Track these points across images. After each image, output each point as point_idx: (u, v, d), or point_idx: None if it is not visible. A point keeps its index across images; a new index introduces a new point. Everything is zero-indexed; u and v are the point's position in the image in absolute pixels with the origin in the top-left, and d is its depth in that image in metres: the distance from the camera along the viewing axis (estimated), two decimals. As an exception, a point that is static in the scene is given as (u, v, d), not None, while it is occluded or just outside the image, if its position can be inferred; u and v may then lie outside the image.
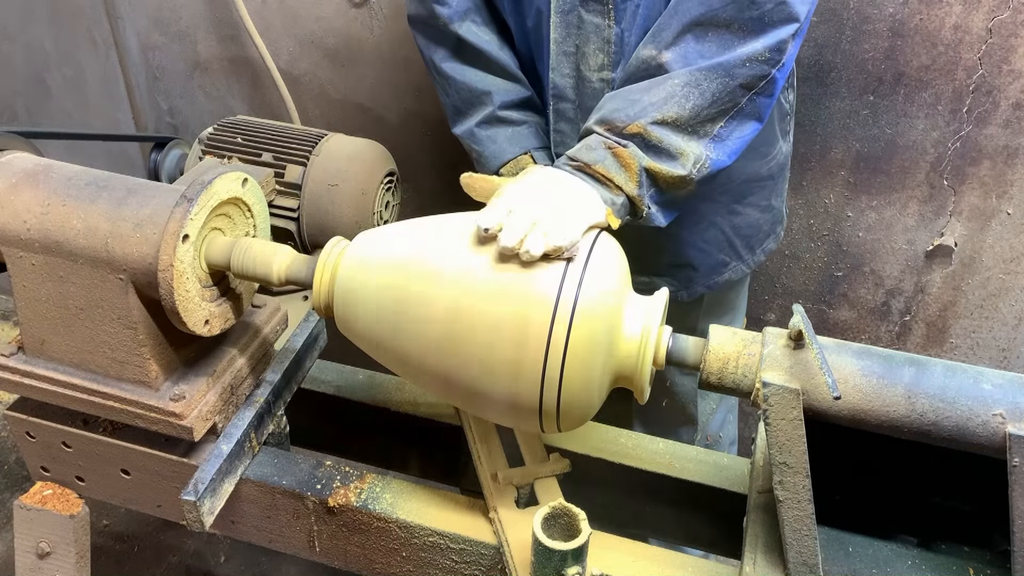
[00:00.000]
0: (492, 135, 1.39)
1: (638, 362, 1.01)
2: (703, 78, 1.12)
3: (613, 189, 1.10)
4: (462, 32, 1.38)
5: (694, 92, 1.11)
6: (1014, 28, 1.59)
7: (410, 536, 1.15)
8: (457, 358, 1.00)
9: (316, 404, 1.41)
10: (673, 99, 1.11)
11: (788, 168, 1.53)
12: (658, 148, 1.12)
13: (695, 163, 1.13)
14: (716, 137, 1.15)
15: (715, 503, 1.25)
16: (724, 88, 1.12)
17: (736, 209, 1.44)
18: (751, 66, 1.12)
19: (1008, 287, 1.86)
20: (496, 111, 1.38)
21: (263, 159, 1.56)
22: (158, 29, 2.30)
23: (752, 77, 1.12)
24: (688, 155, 1.12)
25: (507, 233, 0.97)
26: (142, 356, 1.09)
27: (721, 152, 1.15)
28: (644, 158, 1.11)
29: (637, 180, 1.11)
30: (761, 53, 1.11)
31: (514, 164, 1.37)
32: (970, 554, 1.08)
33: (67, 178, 1.09)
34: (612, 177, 1.10)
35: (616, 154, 1.11)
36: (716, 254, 1.47)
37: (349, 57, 2.12)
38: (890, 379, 0.95)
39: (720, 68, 1.12)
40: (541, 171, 1.10)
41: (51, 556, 1.26)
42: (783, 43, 1.12)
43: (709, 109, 1.12)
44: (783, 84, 1.17)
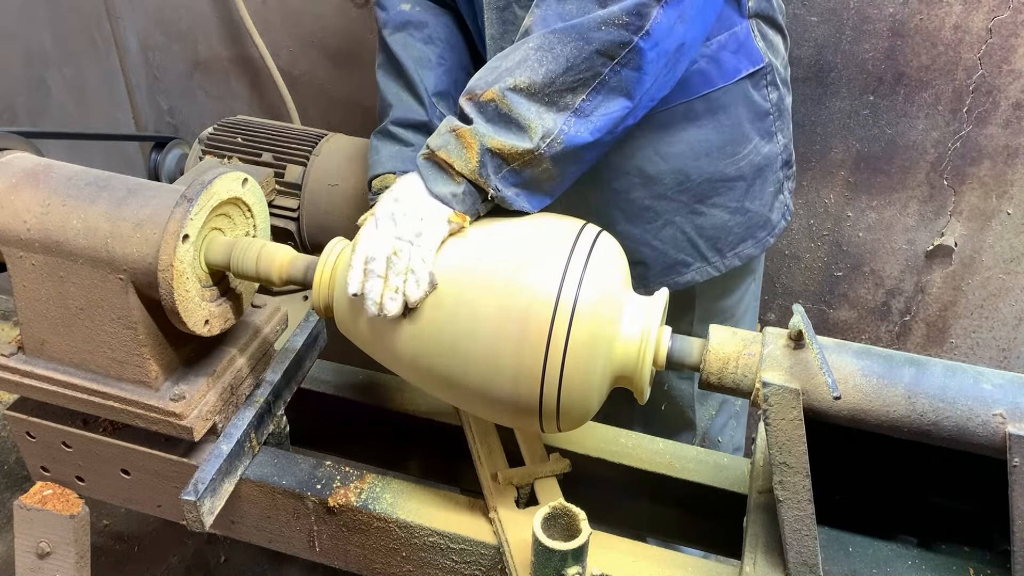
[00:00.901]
0: (378, 146, 1.38)
1: (638, 362, 1.01)
2: (556, 41, 1.06)
3: (454, 176, 1.06)
4: (391, 41, 1.39)
5: (547, 56, 1.05)
6: (1014, 28, 1.59)
7: (410, 536, 1.15)
8: (457, 358, 1.00)
9: (316, 404, 1.41)
10: (526, 63, 1.06)
11: (775, 171, 1.45)
12: (508, 118, 1.06)
13: (544, 137, 1.06)
14: (578, 111, 1.07)
15: (715, 503, 1.25)
16: (579, 53, 1.05)
17: (698, 209, 1.38)
18: (607, 31, 1.04)
19: (1008, 287, 1.86)
20: (389, 125, 1.38)
21: (263, 159, 1.56)
22: (158, 29, 2.30)
23: (609, 43, 1.05)
24: (536, 128, 1.06)
25: (368, 301, 1.01)
26: (142, 356, 1.09)
27: (582, 127, 1.08)
28: (487, 135, 1.06)
29: (478, 160, 1.06)
30: (618, 16, 1.04)
31: (380, 180, 1.36)
32: (970, 554, 1.08)
33: (67, 178, 1.09)
34: (452, 162, 1.06)
35: (458, 135, 1.07)
36: (674, 253, 1.41)
37: (349, 57, 2.12)
38: (890, 379, 0.95)
39: (573, 30, 1.05)
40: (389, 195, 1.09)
41: (51, 556, 1.26)
42: (643, 7, 1.04)
43: (564, 76, 1.06)
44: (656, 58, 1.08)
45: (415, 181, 1.09)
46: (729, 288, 1.55)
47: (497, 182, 1.07)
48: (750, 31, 1.32)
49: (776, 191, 1.45)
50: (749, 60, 1.32)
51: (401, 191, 1.08)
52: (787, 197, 1.49)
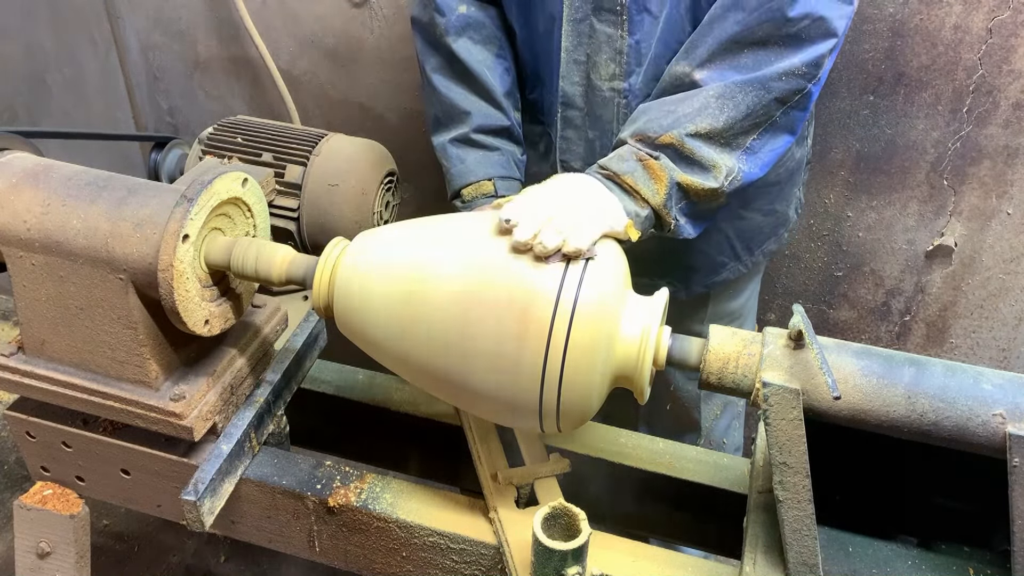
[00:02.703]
0: (462, 155, 1.38)
1: (638, 362, 1.01)
2: (738, 91, 1.12)
3: (639, 201, 1.10)
4: (456, 47, 1.37)
5: (728, 104, 1.11)
6: (1014, 28, 1.59)
7: (410, 536, 1.15)
8: (457, 358, 1.00)
9: (316, 404, 1.41)
10: (707, 111, 1.11)
11: (801, 172, 1.51)
12: (691, 160, 1.12)
13: (727, 176, 1.13)
14: (749, 150, 1.14)
15: (715, 503, 1.25)
16: (759, 101, 1.12)
17: (741, 214, 1.44)
18: (787, 80, 1.11)
19: (1008, 287, 1.86)
20: (471, 133, 1.37)
21: (263, 159, 1.56)
22: (158, 29, 2.30)
23: (788, 91, 1.12)
24: (721, 168, 1.12)
25: (522, 227, 0.98)
26: (142, 356, 1.09)
27: (753, 165, 1.15)
28: (676, 171, 1.11)
29: (666, 192, 1.11)
30: (798, 68, 1.11)
31: (475, 188, 1.35)
32: (970, 554, 1.08)
33: (67, 178, 1.09)
34: (640, 189, 1.10)
35: (647, 166, 1.11)
36: (716, 256, 1.47)
37: (349, 57, 2.12)
38: (890, 379, 0.95)
39: (756, 82, 1.11)
40: (569, 176, 1.11)
41: (51, 556, 1.26)
42: (821, 58, 1.12)
43: (743, 122, 1.12)
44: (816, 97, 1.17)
45: (595, 179, 1.11)
46: (740, 289, 1.57)
47: (676, 213, 1.13)
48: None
49: (797, 189, 1.51)
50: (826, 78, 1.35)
51: (580, 178, 1.10)
52: (801, 191, 1.55)
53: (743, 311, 1.63)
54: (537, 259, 0.98)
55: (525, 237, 0.97)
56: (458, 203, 1.38)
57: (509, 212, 1.00)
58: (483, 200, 1.34)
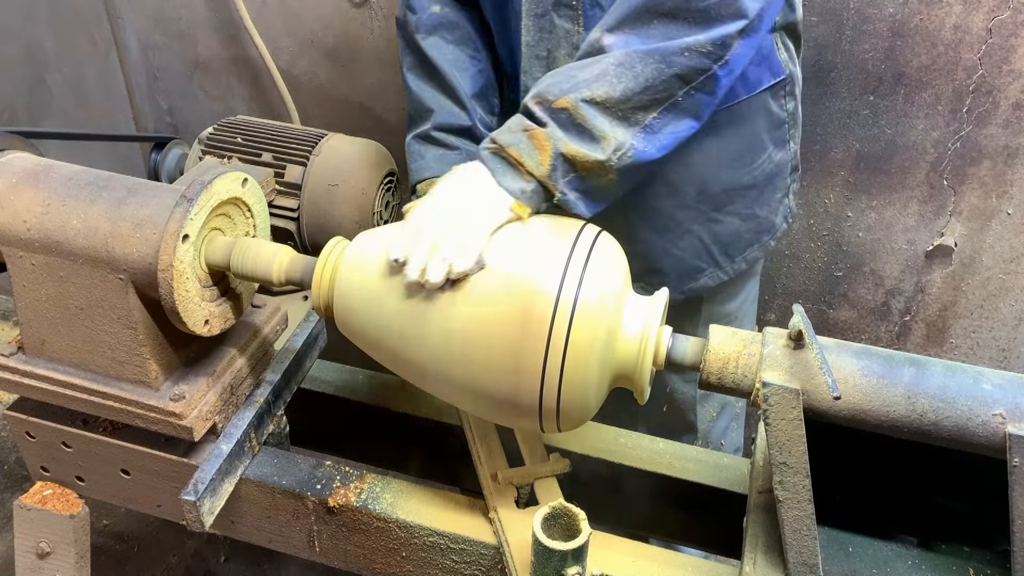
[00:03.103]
0: (422, 151, 1.39)
1: (638, 362, 1.01)
2: (638, 60, 1.08)
3: (524, 174, 1.07)
4: (425, 45, 1.38)
5: (627, 74, 1.08)
6: (1014, 28, 1.59)
7: (410, 536, 1.15)
8: (457, 358, 1.00)
9: (316, 404, 1.41)
10: (605, 78, 1.08)
11: (784, 177, 1.48)
12: (581, 128, 1.08)
13: (616, 150, 1.08)
14: (648, 128, 1.10)
15: (715, 503, 1.25)
16: (659, 75, 1.08)
17: (715, 217, 1.41)
18: (690, 56, 1.07)
19: (1008, 287, 1.86)
20: (431, 130, 1.38)
21: (263, 159, 1.56)
22: (158, 29, 2.30)
23: (690, 69, 1.08)
24: (610, 140, 1.08)
25: (410, 266, 1.00)
26: (142, 356, 1.09)
27: (650, 144, 1.11)
28: (562, 140, 1.08)
29: (550, 163, 1.08)
30: (703, 45, 1.07)
31: (427, 184, 1.36)
32: (970, 554, 1.08)
33: (67, 178, 1.09)
34: (524, 161, 1.07)
35: (532, 135, 1.08)
36: (691, 260, 1.44)
37: (349, 57, 2.12)
38: (890, 379, 0.95)
39: (657, 53, 1.08)
40: (452, 176, 1.09)
41: (51, 556, 1.26)
42: (728, 39, 1.08)
43: (641, 95, 1.08)
44: (727, 84, 1.13)
45: (480, 169, 1.09)
46: (734, 292, 1.56)
47: (563, 186, 1.09)
48: (774, 44, 1.34)
49: (782, 196, 1.48)
50: (771, 72, 1.34)
51: (464, 173, 1.09)
52: (791, 200, 1.51)
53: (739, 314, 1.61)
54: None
55: (414, 277, 0.99)
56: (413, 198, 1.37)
57: (396, 251, 1.00)
58: None
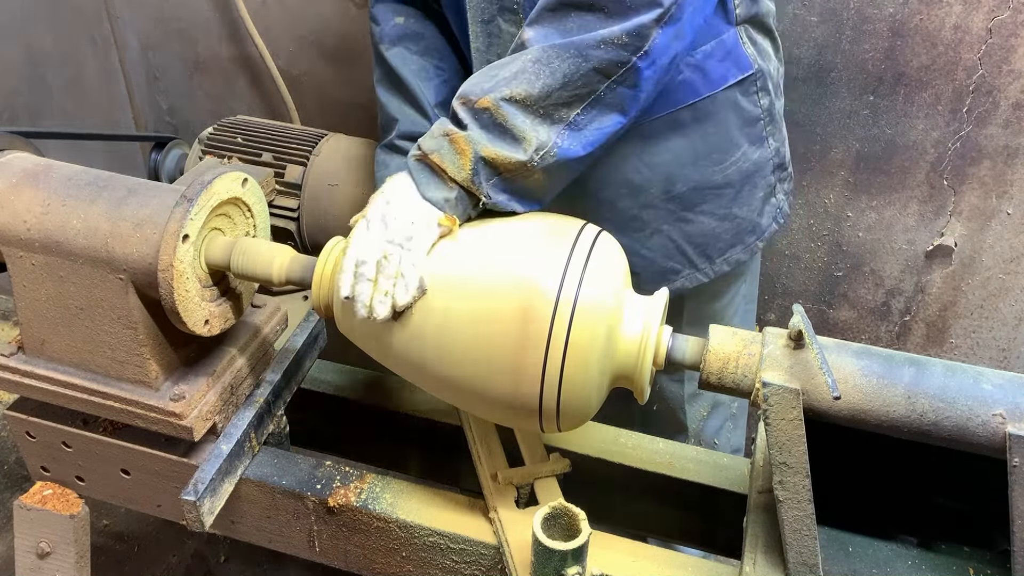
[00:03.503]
0: (386, 160, 1.39)
1: (638, 362, 1.01)
2: (554, 56, 1.06)
3: (447, 181, 1.06)
4: (389, 56, 1.39)
5: (544, 70, 1.06)
6: (1014, 28, 1.59)
7: (410, 536, 1.15)
8: (457, 358, 1.00)
9: (316, 404, 1.41)
10: (523, 75, 1.06)
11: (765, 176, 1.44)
12: (503, 128, 1.06)
13: (538, 150, 1.07)
14: (572, 124, 1.08)
15: (715, 503, 1.25)
16: (576, 70, 1.06)
17: (686, 217, 1.38)
18: (606, 49, 1.05)
19: (1008, 287, 1.86)
20: (395, 139, 1.38)
21: (263, 159, 1.56)
22: (158, 29, 2.30)
23: (607, 62, 1.06)
24: (531, 140, 1.06)
25: (358, 304, 1.02)
26: (142, 356, 1.09)
27: (575, 141, 1.09)
28: (481, 143, 1.06)
29: (471, 167, 1.06)
30: (618, 36, 1.05)
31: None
32: (970, 554, 1.08)
33: (67, 178, 1.09)
34: (445, 167, 1.06)
35: (452, 140, 1.07)
36: (663, 261, 1.41)
37: (349, 57, 2.12)
38: (890, 379, 0.95)
39: (572, 47, 1.06)
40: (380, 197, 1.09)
41: (51, 556, 1.26)
42: (644, 28, 1.05)
43: (561, 91, 1.06)
44: (653, 76, 1.10)
45: (406, 183, 1.08)
46: (717, 292, 1.54)
47: (488, 189, 1.07)
48: (738, 38, 1.31)
49: (767, 195, 1.44)
50: (737, 67, 1.31)
51: (392, 193, 1.08)
52: (780, 200, 1.48)
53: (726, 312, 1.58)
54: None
55: (363, 314, 1.01)
56: None
57: (344, 289, 1.02)
58: None
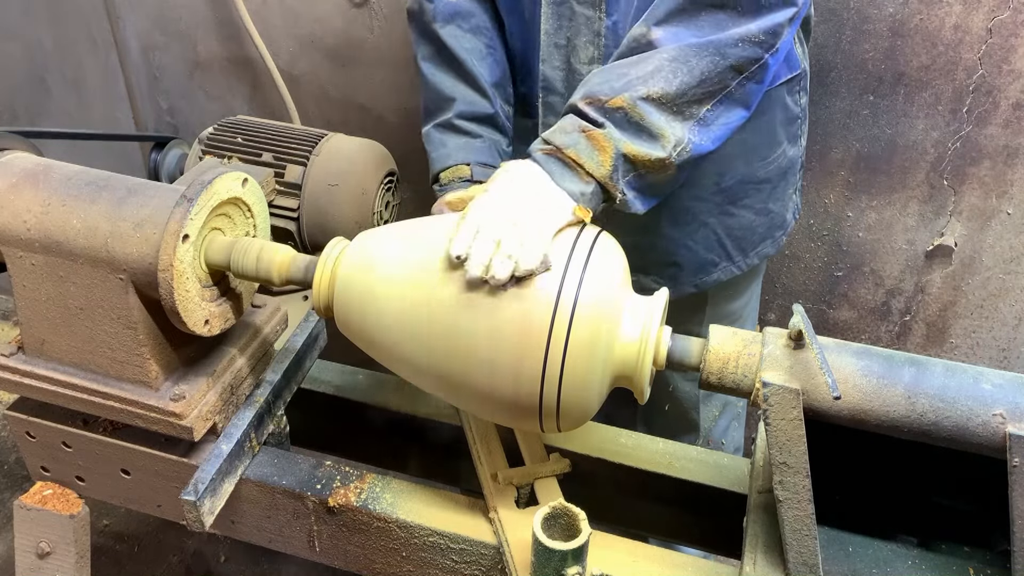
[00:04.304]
0: (443, 139, 1.37)
1: (638, 362, 1.01)
2: (692, 54, 1.08)
3: (583, 176, 1.06)
4: (443, 33, 1.37)
5: (682, 68, 1.07)
6: (1014, 28, 1.59)
7: (410, 536, 1.15)
8: (457, 358, 1.00)
9: (316, 404, 1.41)
10: (660, 73, 1.07)
11: (795, 173, 1.49)
12: (639, 126, 1.07)
13: (676, 146, 1.08)
14: (701, 121, 1.10)
15: (715, 503, 1.25)
16: (714, 67, 1.08)
17: (730, 211, 1.41)
18: (743, 47, 1.08)
19: (1008, 287, 1.86)
20: (454, 119, 1.37)
21: (263, 159, 1.56)
22: (158, 29, 2.30)
23: (744, 59, 1.08)
24: (669, 137, 1.08)
25: (473, 262, 0.97)
26: (142, 356, 1.09)
27: (704, 137, 1.11)
28: (621, 140, 1.07)
29: (611, 164, 1.06)
30: (756, 35, 1.08)
31: (452, 171, 1.34)
32: (970, 554, 1.08)
33: (67, 178, 1.09)
34: (583, 162, 1.06)
35: (590, 136, 1.07)
36: (704, 253, 1.44)
37: (349, 57, 2.12)
38: (890, 379, 0.95)
39: (711, 46, 1.08)
40: (505, 175, 1.07)
41: (51, 556, 1.26)
42: (779, 27, 1.09)
43: (697, 89, 1.08)
44: (774, 71, 1.14)
45: (535, 169, 1.07)
46: (740, 291, 1.56)
47: (623, 186, 1.09)
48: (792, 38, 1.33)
49: (793, 191, 1.50)
50: (788, 67, 1.35)
51: (519, 173, 1.07)
52: (798, 196, 1.53)
53: (743, 313, 1.62)
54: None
55: (477, 273, 0.96)
56: (436, 187, 1.37)
57: (458, 248, 0.98)
58: (458, 184, 1.32)
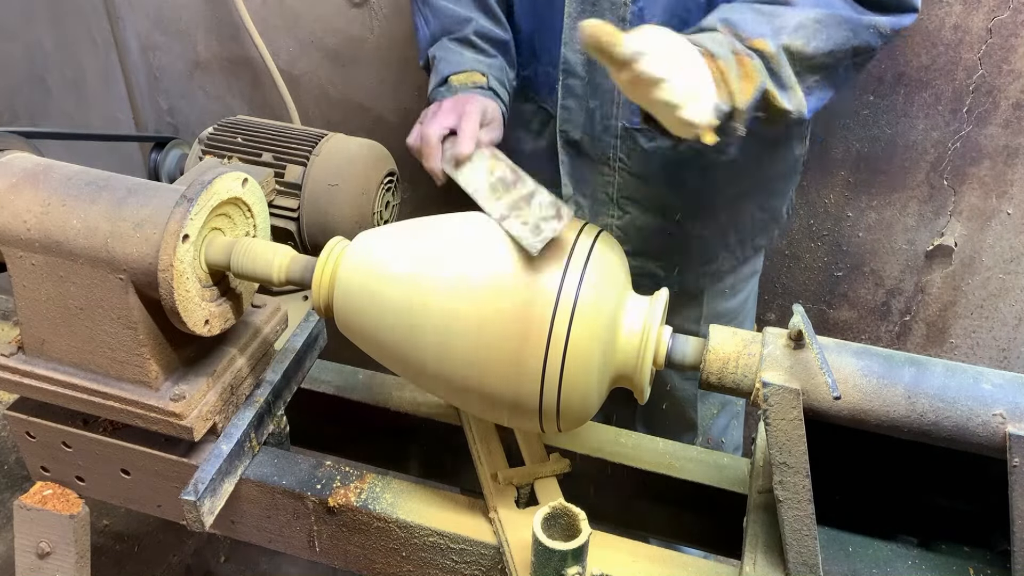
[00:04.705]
0: (460, 50, 1.34)
1: (638, 362, 1.01)
2: (834, 23, 1.11)
3: (723, 94, 1.02)
4: None
5: (823, 33, 1.10)
6: (1014, 28, 1.59)
7: (410, 536, 1.15)
8: (457, 358, 1.00)
9: (316, 404, 1.41)
10: (804, 29, 1.09)
11: (798, 172, 1.51)
12: (775, 73, 1.07)
13: (798, 104, 1.11)
14: (807, 89, 1.12)
15: (715, 503, 1.25)
16: (845, 42, 1.12)
17: (739, 205, 1.43)
18: (871, 34, 1.13)
19: (1008, 287, 1.86)
20: (471, 35, 1.35)
21: (263, 159, 1.56)
22: (158, 29, 2.30)
23: (867, 45, 1.14)
24: (797, 91, 1.10)
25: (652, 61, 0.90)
26: (142, 356, 1.09)
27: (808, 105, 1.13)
28: (767, 80, 1.06)
29: (753, 96, 1.05)
30: (884, 27, 1.14)
31: (467, 76, 1.30)
32: (970, 554, 1.08)
33: (67, 178, 1.09)
34: (730, 83, 1.02)
35: (740, 62, 1.05)
36: (712, 244, 1.47)
37: (349, 57, 2.12)
38: (890, 379, 0.95)
39: (851, 22, 1.12)
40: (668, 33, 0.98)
41: (51, 556, 1.26)
42: (902, 29, 1.15)
43: (825, 57, 1.11)
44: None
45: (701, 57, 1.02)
46: (737, 290, 1.57)
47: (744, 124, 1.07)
48: None
49: (792, 189, 1.51)
50: None
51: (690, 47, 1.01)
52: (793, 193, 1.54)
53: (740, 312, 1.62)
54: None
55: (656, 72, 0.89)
56: (443, 89, 1.31)
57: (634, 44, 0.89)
58: (472, 88, 1.28)
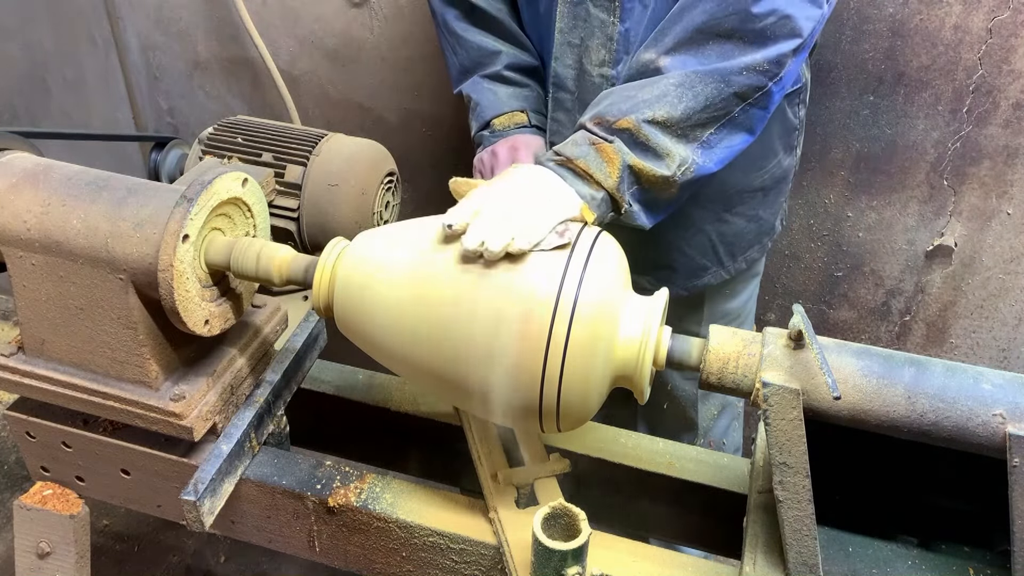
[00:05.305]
0: (494, 88, 1.40)
1: (638, 362, 1.01)
2: (698, 81, 1.11)
3: (592, 184, 1.09)
4: None
5: (687, 94, 1.11)
6: (1014, 28, 1.59)
7: (410, 536, 1.15)
8: (457, 358, 1.00)
9: (316, 404, 1.41)
10: (666, 98, 1.11)
11: (787, 182, 1.51)
12: (645, 146, 1.11)
13: (680, 166, 1.12)
14: (705, 143, 1.14)
15: (715, 503, 1.25)
16: (718, 94, 1.11)
17: (724, 217, 1.43)
18: (748, 75, 1.11)
19: (1008, 287, 1.86)
20: (502, 70, 1.40)
21: (263, 159, 1.56)
22: (158, 29, 2.30)
23: (748, 87, 1.12)
24: (674, 156, 1.11)
25: (469, 235, 0.97)
26: (142, 356, 1.09)
27: (708, 159, 1.14)
28: (629, 154, 1.10)
29: (619, 176, 1.10)
30: (760, 64, 1.11)
31: (508, 117, 1.38)
32: (970, 554, 1.08)
33: (67, 178, 1.09)
34: (592, 172, 1.09)
35: (599, 149, 1.10)
36: (698, 259, 1.47)
37: (349, 57, 2.12)
38: (890, 379, 0.95)
39: (716, 73, 1.11)
40: (517, 170, 1.10)
41: (51, 556, 1.26)
42: (783, 57, 1.12)
43: (701, 114, 1.11)
44: (779, 98, 1.16)
45: (547, 171, 1.09)
46: (737, 291, 1.57)
47: (629, 197, 1.12)
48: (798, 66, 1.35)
49: (783, 200, 1.51)
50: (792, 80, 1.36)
51: (531, 171, 1.09)
52: (786, 204, 1.54)
53: (741, 312, 1.63)
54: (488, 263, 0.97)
55: (472, 245, 0.96)
56: (486, 133, 1.38)
57: (454, 218, 0.98)
58: (515, 130, 1.36)
